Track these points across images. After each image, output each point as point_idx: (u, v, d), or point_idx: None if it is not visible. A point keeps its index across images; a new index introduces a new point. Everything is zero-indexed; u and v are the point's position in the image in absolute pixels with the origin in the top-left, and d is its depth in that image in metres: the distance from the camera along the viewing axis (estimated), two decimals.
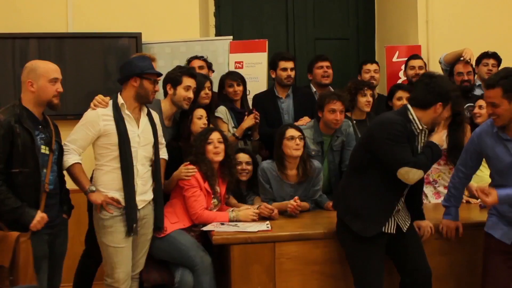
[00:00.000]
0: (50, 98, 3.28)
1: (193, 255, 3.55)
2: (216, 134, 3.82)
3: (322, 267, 3.46)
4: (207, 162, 3.74)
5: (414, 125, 3.21)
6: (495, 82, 3.14)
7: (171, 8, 5.55)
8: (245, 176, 4.12)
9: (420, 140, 3.26)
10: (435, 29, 6.05)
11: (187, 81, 4.00)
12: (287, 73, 4.77)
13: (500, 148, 3.27)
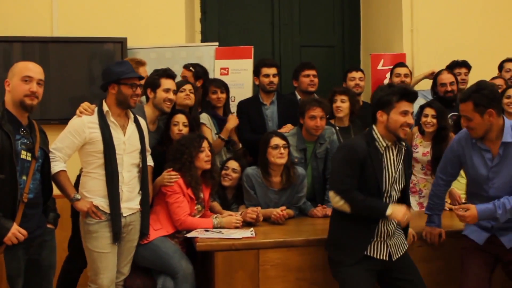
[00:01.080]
0: (21, 98, 3.07)
1: (175, 263, 3.53)
2: (206, 142, 3.83)
3: (306, 274, 3.46)
4: (194, 169, 3.73)
5: (379, 143, 3.20)
6: (467, 96, 3.20)
7: (157, 13, 5.55)
8: (228, 181, 4.12)
9: (389, 157, 3.22)
10: (420, 37, 6.12)
11: (166, 83, 4.02)
12: (269, 79, 4.78)
13: (477, 157, 3.31)
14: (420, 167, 4.47)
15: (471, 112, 3.18)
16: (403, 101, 3.14)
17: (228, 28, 6.64)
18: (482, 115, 3.17)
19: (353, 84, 5.11)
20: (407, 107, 3.15)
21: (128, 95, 3.44)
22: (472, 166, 3.34)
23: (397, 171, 3.24)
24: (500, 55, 6.07)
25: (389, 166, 3.21)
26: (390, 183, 3.21)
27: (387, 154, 3.21)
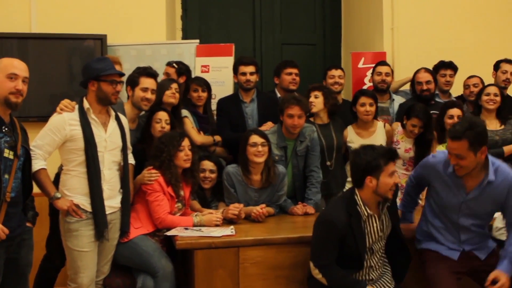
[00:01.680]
0: (6, 95, 3.03)
1: (154, 262, 3.51)
2: (187, 141, 3.80)
3: (286, 271, 3.47)
4: (174, 168, 3.72)
5: (361, 209, 3.19)
6: (461, 134, 3.08)
7: (137, 10, 5.51)
8: (208, 184, 4.13)
9: (371, 224, 3.23)
10: (400, 36, 6.15)
11: (144, 82, 4.00)
12: (246, 77, 4.77)
13: (449, 189, 3.31)
14: (402, 163, 4.52)
15: (466, 151, 3.09)
16: (390, 163, 3.15)
17: (209, 25, 6.63)
18: (476, 153, 3.11)
19: (332, 82, 5.12)
20: (393, 167, 3.17)
21: (108, 92, 3.42)
22: (441, 193, 3.34)
23: (381, 232, 3.28)
24: (480, 53, 6.16)
25: (372, 232, 3.24)
26: (373, 243, 3.25)
27: (370, 221, 3.23)
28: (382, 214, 3.26)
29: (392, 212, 3.34)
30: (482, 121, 3.39)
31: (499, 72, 5.27)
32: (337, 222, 3.13)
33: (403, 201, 3.68)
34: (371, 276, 3.30)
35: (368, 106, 4.50)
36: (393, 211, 3.36)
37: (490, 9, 6.38)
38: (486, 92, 4.66)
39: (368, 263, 3.27)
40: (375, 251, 3.29)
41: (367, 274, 3.29)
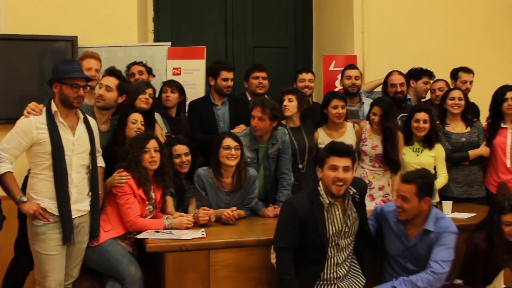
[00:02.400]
0: None
1: (123, 268, 3.49)
2: (153, 143, 3.76)
3: (257, 274, 3.48)
4: (142, 169, 3.71)
5: (323, 198, 3.30)
6: (412, 179, 3.37)
7: (109, 12, 5.47)
8: (185, 167, 4.09)
9: (334, 213, 3.31)
10: (371, 39, 6.22)
11: (103, 80, 3.99)
12: (228, 83, 4.82)
13: (395, 235, 3.50)
14: (369, 160, 4.59)
15: (412, 195, 3.34)
16: (332, 156, 3.27)
17: (181, 28, 6.62)
18: (420, 200, 3.35)
19: (303, 86, 5.13)
20: (336, 162, 3.25)
21: (69, 95, 3.37)
22: (389, 240, 3.53)
23: (344, 224, 3.34)
24: (449, 57, 6.25)
25: (334, 221, 3.31)
26: (336, 235, 3.31)
27: (332, 209, 3.31)
28: (347, 208, 3.35)
29: (359, 208, 3.41)
30: (433, 175, 3.66)
31: (458, 81, 5.29)
32: (297, 205, 3.26)
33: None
34: (339, 274, 3.35)
35: (340, 109, 4.57)
36: (361, 207, 3.43)
37: (460, 13, 6.51)
38: (451, 97, 4.73)
39: (335, 260, 3.33)
40: (341, 247, 3.34)
41: (335, 272, 3.34)
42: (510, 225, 3.43)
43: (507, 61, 6.63)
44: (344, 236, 3.36)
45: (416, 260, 3.46)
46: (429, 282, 3.26)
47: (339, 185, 3.24)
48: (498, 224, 3.43)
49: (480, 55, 6.42)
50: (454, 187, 4.63)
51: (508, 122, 4.66)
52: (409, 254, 3.47)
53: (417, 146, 4.55)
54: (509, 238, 3.44)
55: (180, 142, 4.12)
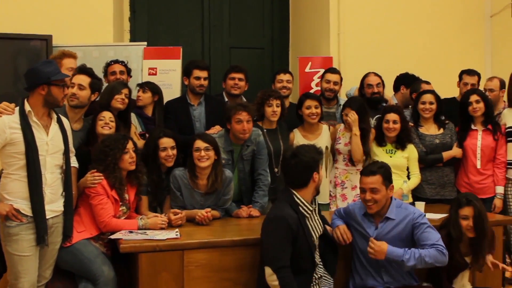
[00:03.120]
0: None
1: (96, 269, 3.47)
2: (131, 143, 3.75)
3: (231, 274, 3.49)
4: (119, 171, 3.69)
5: (303, 207, 3.30)
6: (376, 170, 3.48)
7: (84, 10, 5.45)
8: (171, 161, 4.05)
9: (315, 219, 3.37)
10: (346, 41, 6.29)
11: (74, 78, 3.95)
12: (200, 82, 4.80)
13: (363, 230, 3.54)
14: (342, 158, 4.65)
15: (380, 184, 3.44)
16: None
17: (158, 28, 6.61)
18: (387, 188, 3.46)
19: (281, 86, 5.15)
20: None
21: (59, 96, 3.37)
22: (357, 236, 3.57)
23: (320, 226, 3.42)
24: (425, 59, 6.35)
25: (315, 228, 3.36)
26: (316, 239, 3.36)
27: (312, 217, 3.35)
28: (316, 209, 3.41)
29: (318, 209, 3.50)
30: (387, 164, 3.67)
31: (461, 83, 5.31)
32: (288, 218, 3.18)
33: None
34: (319, 273, 3.38)
35: (314, 109, 4.60)
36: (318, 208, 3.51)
37: (435, 16, 6.61)
38: (422, 101, 4.77)
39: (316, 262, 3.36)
40: (317, 248, 3.38)
41: (316, 273, 3.36)
42: (466, 219, 3.52)
43: (481, 63, 6.73)
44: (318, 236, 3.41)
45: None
46: (436, 259, 3.29)
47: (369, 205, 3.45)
48: (456, 219, 3.53)
49: (455, 58, 6.52)
50: (427, 188, 4.69)
51: (477, 124, 4.73)
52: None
53: (390, 148, 4.61)
54: (466, 233, 3.51)
55: (167, 135, 4.07)
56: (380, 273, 3.51)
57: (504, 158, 4.67)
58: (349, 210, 3.66)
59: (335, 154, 4.69)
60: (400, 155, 4.57)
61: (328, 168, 4.69)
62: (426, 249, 3.31)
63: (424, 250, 3.30)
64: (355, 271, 3.60)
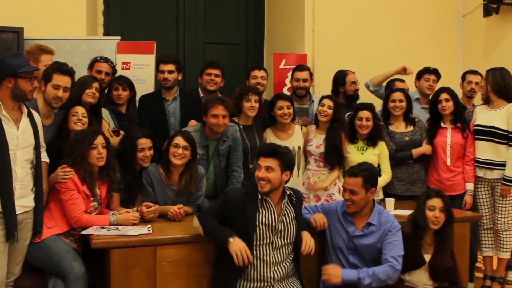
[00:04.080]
0: None
1: (66, 265, 3.44)
2: (100, 139, 3.70)
3: (204, 269, 3.49)
4: (88, 166, 3.66)
5: (258, 194, 3.39)
6: (358, 172, 3.55)
7: (57, 3, 5.41)
8: (147, 162, 4.02)
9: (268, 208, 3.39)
10: (321, 38, 6.33)
11: (57, 79, 3.88)
12: (164, 75, 4.78)
13: (341, 226, 3.61)
14: (314, 161, 4.66)
15: (359, 187, 3.51)
16: (259, 157, 3.43)
17: (132, 22, 6.57)
18: (367, 192, 3.53)
19: (255, 83, 5.15)
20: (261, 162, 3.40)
21: (26, 89, 3.31)
22: (335, 231, 3.62)
23: (280, 223, 3.39)
24: (398, 56, 6.40)
25: (267, 217, 3.38)
26: (270, 232, 3.37)
27: (265, 204, 3.39)
28: (283, 207, 3.43)
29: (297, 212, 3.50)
30: (376, 168, 3.79)
31: (465, 83, 5.35)
32: (231, 195, 3.42)
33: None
34: (275, 274, 3.38)
35: (286, 109, 4.60)
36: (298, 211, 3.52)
37: (408, 15, 6.69)
38: (392, 99, 4.83)
39: (270, 259, 3.37)
40: (277, 246, 3.38)
41: (271, 271, 3.37)
42: (433, 209, 3.61)
43: (453, 62, 6.84)
44: (280, 236, 3.40)
45: (357, 252, 3.56)
46: (389, 276, 3.41)
47: (261, 183, 3.35)
48: (423, 209, 3.63)
49: (427, 57, 6.60)
50: (397, 185, 4.75)
51: (447, 122, 4.79)
52: (352, 245, 3.56)
53: (361, 145, 4.65)
54: (430, 224, 3.59)
55: (145, 136, 4.04)
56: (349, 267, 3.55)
57: (473, 155, 4.74)
58: (330, 207, 3.72)
59: (307, 155, 4.72)
60: (371, 152, 4.61)
61: (301, 168, 4.71)
62: (379, 267, 3.44)
63: (377, 268, 3.43)
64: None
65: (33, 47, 4.48)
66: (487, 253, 4.83)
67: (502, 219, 4.67)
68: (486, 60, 6.37)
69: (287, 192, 3.46)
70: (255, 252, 3.34)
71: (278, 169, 3.36)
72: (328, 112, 4.58)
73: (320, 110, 4.60)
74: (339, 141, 4.55)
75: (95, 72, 4.64)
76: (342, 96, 5.28)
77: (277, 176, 3.36)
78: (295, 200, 3.48)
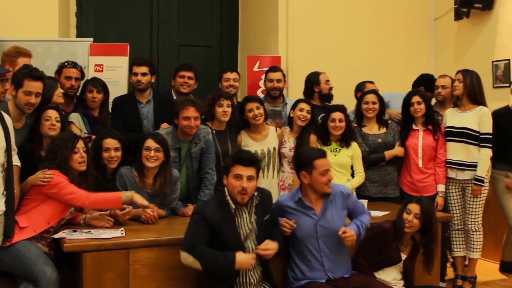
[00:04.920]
0: None
1: (37, 270, 3.38)
2: (81, 143, 3.68)
3: (178, 273, 3.47)
4: (72, 170, 3.62)
5: (229, 203, 3.37)
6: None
7: (28, 4, 5.34)
8: (114, 163, 3.98)
9: (241, 215, 3.38)
10: (295, 41, 6.36)
11: (29, 85, 3.79)
12: (137, 78, 4.75)
13: (303, 215, 3.60)
14: (287, 163, 4.69)
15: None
16: (237, 165, 3.34)
17: (105, 24, 6.52)
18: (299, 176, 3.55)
19: (228, 85, 5.15)
20: (241, 171, 3.31)
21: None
22: (298, 223, 3.58)
23: (252, 228, 3.40)
24: (369, 60, 6.48)
25: (243, 224, 3.38)
26: (246, 239, 3.38)
27: (239, 213, 3.39)
28: (252, 212, 3.42)
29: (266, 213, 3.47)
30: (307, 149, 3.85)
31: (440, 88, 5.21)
32: (207, 209, 3.33)
33: None
34: (251, 280, 3.39)
35: (256, 110, 4.62)
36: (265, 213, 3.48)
37: (381, 19, 6.78)
38: (365, 101, 4.87)
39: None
40: (248, 250, 3.38)
41: (249, 277, 3.38)
42: (409, 213, 3.70)
43: (425, 65, 6.93)
44: (251, 238, 3.40)
45: (329, 234, 3.56)
46: (369, 221, 3.70)
47: (243, 194, 3.31)
48: (402, 211, 3.73)
49: (400, 59, 6.71)
50: (370, 186, 4.79)
51: (419, 125, 4.85)
52: (321, 229, 3.56)
53: (334, 146, 4.68)
54: (403, 226, 3.68)
55: (112, 136, 3.99)
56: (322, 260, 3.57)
57: (444, 157, 4.81)
58: (280, 204, 3.69)
59: (281, 157, 4.74)
60: (344, 153, 4.65)
61: (275, 169, 4.72)
62: (363, 216, 3.67)
63: (362, 218, 3.66)
64: (294, 264, 3.63)
65: (11, 49, 4.43)
66: (458, 253, 4.90)
67: (472, 219, 4.75)
68: (457, 63, 6.46)
69: (255, 194, 3.42)
70: None
71: (255, 177, 3.36)
72: (307, 117, 4.61)
73: (299, 115, 4.62)
74: (306, 142, 4.58)
75: (64, 78, 4.57)
76: (316, 96, 5.30)
77: (256, 184, 3.38)
78: (258, 201, 3.44)
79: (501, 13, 6.06)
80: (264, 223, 3.44)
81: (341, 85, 5.53)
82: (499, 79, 6.05)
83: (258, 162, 3.46)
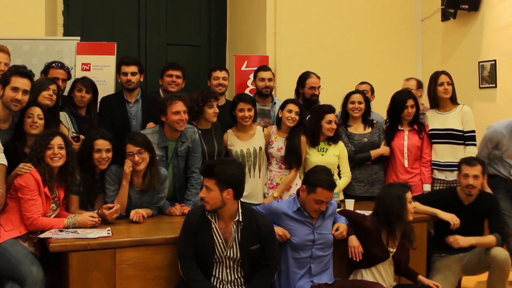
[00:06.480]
0: None
1: (24, 270, 3.37)
2: (57, 139, 3.65)
3: (164, 272, 3.48)
4: (46, 165, 3.60)
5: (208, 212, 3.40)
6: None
7: (14, 2, 5.30)
8: (104, 164, 3.95)
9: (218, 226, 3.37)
10: (282, 40, 6.37)
11: (15, 81, 3.77)
12: (127, 77, 4.74)
13: (300, 223, 3.64)
14: (275, 162, 4.69)
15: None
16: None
17: (93, 22, 6.50)
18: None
19: (217, 83, 5.14)
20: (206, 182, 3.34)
21: None
22: (295, 232, 3.62)
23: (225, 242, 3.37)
24: (356, 59, 6.50)
25: (217, 235, 3.37)
26: (222, 251, 3.37)
27: (216, 223, 3.38)
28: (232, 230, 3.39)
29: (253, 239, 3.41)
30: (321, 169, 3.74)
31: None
32: (192, 215, 3.41)
33: None
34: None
35: (247, 112, 4.60)
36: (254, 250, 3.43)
37: (368, 18, 6.80)
38: (351, 100, 4.89)
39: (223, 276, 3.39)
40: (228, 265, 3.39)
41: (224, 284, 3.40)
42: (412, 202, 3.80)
43: (412, 65, 6.98)
44: (229, 254, 3.37)
45: (324, 243, 3.64)
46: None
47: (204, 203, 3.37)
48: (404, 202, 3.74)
49: (387, 59, 6.75)
50: (356, 186, 4.80)
51: (405, 125, 4.88)
52: (317, 236, 3.62)
53: (322, 146, 4.69)
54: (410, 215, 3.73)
55: (104, 137, 3.97)
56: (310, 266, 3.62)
57: (430, 157, 4.83)
58: (277, 210, 3.69)
59: (269, 157, 4.74)
60: (331, 153, 4.66)
61: (262, 169, 4.72)
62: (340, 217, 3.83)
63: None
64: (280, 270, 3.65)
65: None
66: None
67: None
68: (444, 63, 6.52)
69: (238, 218, 3.39)
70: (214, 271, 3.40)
71: (216, 189, 3.29)
72: (296, 118, 4.61)
73: (288, 117, 4.61)
74: (298, 143, 4.59)
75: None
76: (301, 98, 5.31)
77: (215, 196, 3.30)
78: (242, 226, 3.39)
79: (487, 14, 6.10)
80: (251, 251, 3.39)
81: (328, 85, 5.54)
82: (485, 79, 6.09)
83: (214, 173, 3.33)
